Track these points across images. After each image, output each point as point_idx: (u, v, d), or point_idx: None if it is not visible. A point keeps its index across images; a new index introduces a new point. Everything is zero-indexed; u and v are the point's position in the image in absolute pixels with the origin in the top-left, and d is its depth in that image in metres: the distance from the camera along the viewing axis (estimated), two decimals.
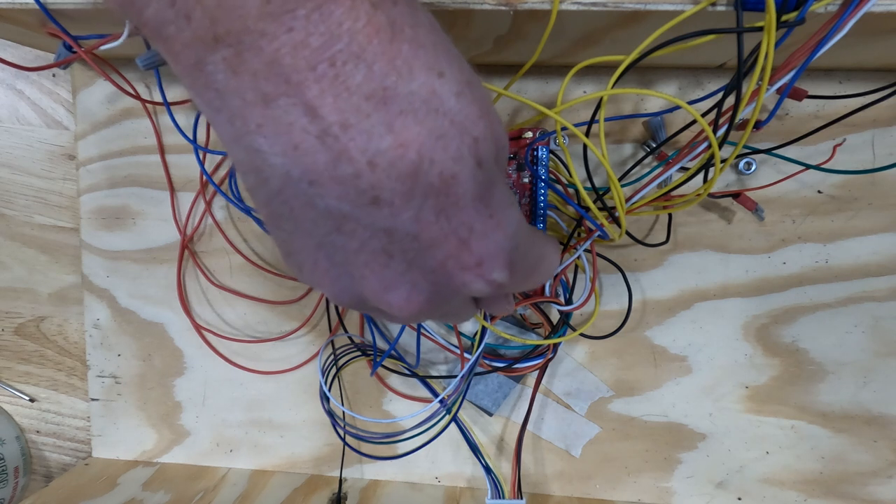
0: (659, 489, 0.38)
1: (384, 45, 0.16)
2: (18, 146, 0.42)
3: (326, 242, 0.19)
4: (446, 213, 0.18)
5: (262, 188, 0.18)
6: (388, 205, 0.17)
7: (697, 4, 0.23)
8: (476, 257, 0.19)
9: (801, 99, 0.29)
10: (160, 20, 0.16)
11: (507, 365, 0.35)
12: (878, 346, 0.36)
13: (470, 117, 0.18)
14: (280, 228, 0.20)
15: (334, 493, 0.39)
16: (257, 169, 0.18)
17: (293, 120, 0.16)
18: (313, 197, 0.17)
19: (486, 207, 0.18)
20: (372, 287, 0.19)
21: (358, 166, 0.16)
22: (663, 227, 0.36)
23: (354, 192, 0.17)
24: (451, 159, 0.17)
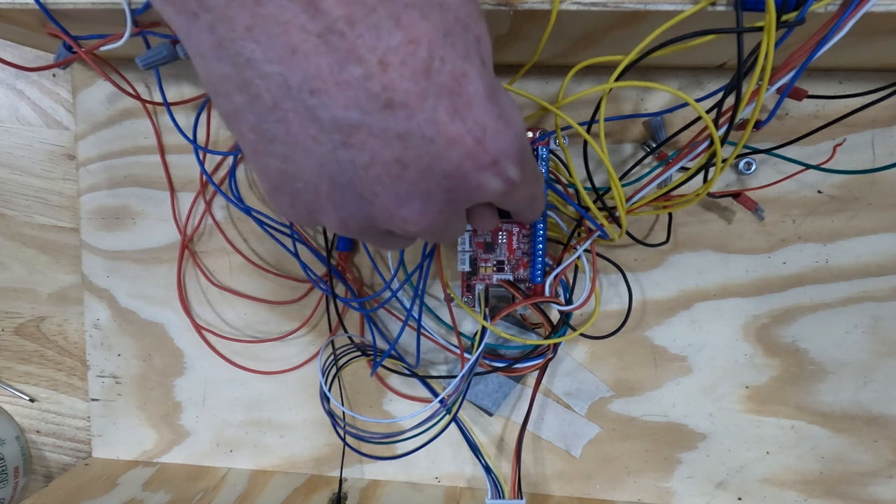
0: (659, 489, 0.38)
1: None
2: (18, 146, 0.42)
3: (330, 160, 0.17)
4: (460, 113, 0.17)
5: (251, 107, 0.16)
6: (403, 107, 0.16)
7: (697, 4, 0.23)
8: (492, 155, 0.17)
9: (801, 99, 0.29)
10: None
11: (507, 365, 0.35)
12: (878, 346, 0.36)
13: (472, 15, 0.17)
14: (270, 154, 0.18)
15: (334, 493, 0.39)
16: (246, 83, 0.16)
17: (290, 18, 0.14)
18: (315, 108, 0.16)
19: (495, 107, 0.17)
20: (384, 204, 0.18)
21: (368, 67, 0.15)
22: (663, 227, 0.36)
23: (365, 97, 0.15)
24: (460, 57, 0.16)
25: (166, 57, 0.29)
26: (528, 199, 0.22)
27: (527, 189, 0.21)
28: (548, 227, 0.33)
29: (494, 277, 0.34)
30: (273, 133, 0.17)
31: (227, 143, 0.38)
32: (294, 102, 0.16)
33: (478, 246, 0.34)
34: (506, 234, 0.33)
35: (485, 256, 0.34)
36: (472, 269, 0.34)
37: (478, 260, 0.34)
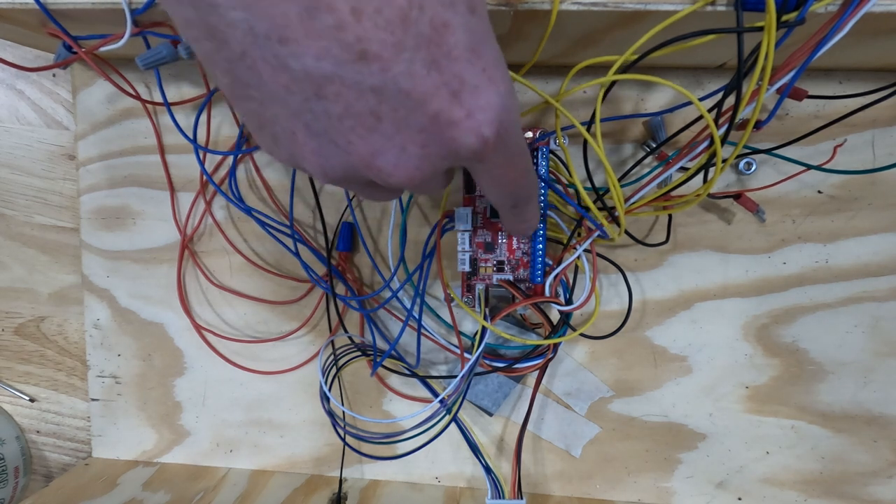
0: (659, 489, 0.38)
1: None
2: (18, 146, 0.42)
3: (304, 110, 0.17)
4: (438, 65, 0.16)
5: (220, 53, 0.16)
6: (377, 59, 0.15)
7: (695, 4, 0.23)
8: (466, 109, 0.17)
9: (801, 99, 0.29)
10: None
11: (507, 365, 0.35)
12: (878, 346, 0.36)
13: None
14: (247, 98, 0.17)
15: (334, 493, 0.39)
16: (211, 29, 0.15)
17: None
18: (286, 58, 0.15)
19: (478, 59, 0.17)
20: (359, 154, 0.18)
21: (340, 16, 0.14)
22: (663, 227, 0.36)
23: (338, 47, 0.15)
24: (442, 4, 0.15)
25: (166, 57, 0.29)
26: (511, 182, 0.22)
27: (509, 166, 0.20)
28: (548, 227, 0.33)
29: (494, 277, 0.34)
30: (246, 79, 0.16)
31: (228, 143, 0.38)
32: (263, 51, 0.15)
33: (478, 246, 0.34)
34: (506, 234, 0.34)
35: (485, 256, 0.34)
36: (472, 269, 0.34)
37: (478, 260, 0.34)
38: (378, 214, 0.38)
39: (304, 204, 0.38)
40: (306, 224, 0.39)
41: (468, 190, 0.34)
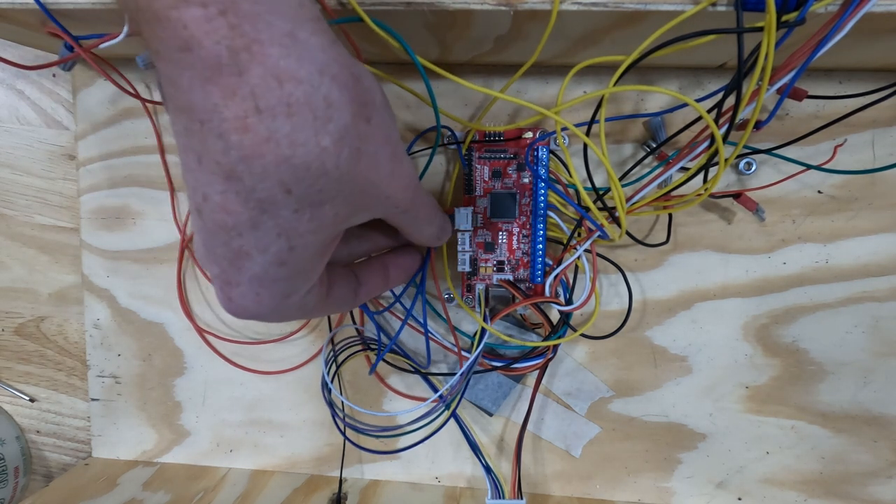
0: (659, 489, 0.38)
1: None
2: (18, 146, 0.42)
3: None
4: (229, 267, 0.21)
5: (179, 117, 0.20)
6: (204, 221, 0.20)
7: (697, 4, 0.23)
8: (229, 295, 0.21)
9: (801, 99, 0.29)
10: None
11: (506, 364, 0.35)
12: (878, 346, 0.36)
13: (298, 231, 0.20)
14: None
15: (334, 493, 0.39)
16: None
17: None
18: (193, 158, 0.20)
19: (261, 290, 0.21)
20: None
21: (196, 199, 0.19)
22: (663, 227, 0.36)
23: (206, 182, 0.19)
24: (255, 247, 0.20)
25: None
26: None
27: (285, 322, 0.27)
28: (548, 227, 0.33)
29: (494, 277, 0.34)
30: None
31: None
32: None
33: (478, 246, 0.34)
34: (506, 234, 0.34)
35: (485, 256, 0.34)
36: (472, 269, 0.34)
37: (478, 260, 0.34)
38: None
39: None
40: None
41: (468, 190, 0.34)
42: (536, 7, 0.24)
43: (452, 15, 0.25)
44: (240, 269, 0.20)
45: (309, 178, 0.18)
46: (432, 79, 0.28)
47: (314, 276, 0.22)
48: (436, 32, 0.28)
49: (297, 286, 0.22)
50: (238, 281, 0.21)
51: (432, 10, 0.25)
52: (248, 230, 0.19)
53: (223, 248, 0.20)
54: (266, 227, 0.19)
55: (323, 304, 0.25)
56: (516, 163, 0.33)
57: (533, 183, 0.33)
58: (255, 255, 0.20)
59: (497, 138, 0.33)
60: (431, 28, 0.28)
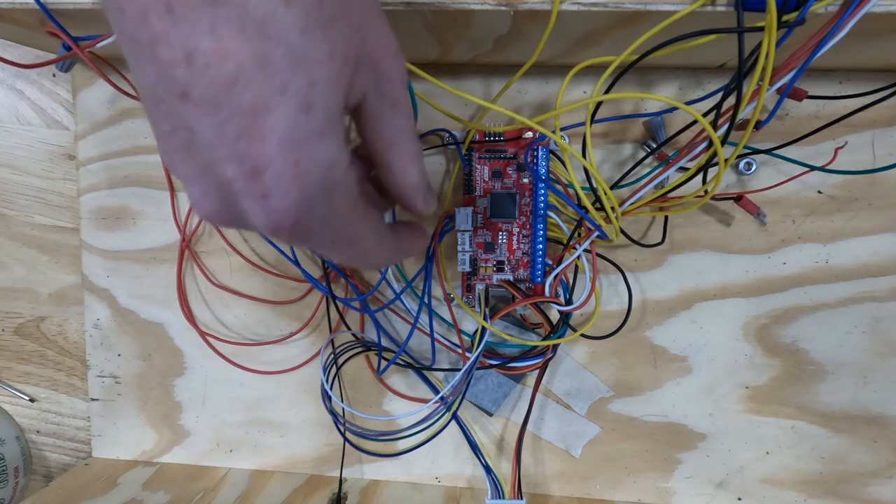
0: (659, 489, 0.38)
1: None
2: (18, 146, 0.42)
3: (150, 108, 0.18)
4: (248, 137, 0.17)
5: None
6: (195, 105, 0.16)
7: (693, 4, 0.23)
8: (263, 190, 0.17)
9: (801, 99, 0.29)
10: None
11: (501, 363, 0.35)
12: (878, 346, 0.36)
13: (314, 58, 0.17)
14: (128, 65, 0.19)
15: (334, 493, 0.39)
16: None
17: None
18: (137, 63, 0.17)
19: (293, 152, 0.17)
20: (180, 171, 0.19)
21: (174, 55, 0.16)
22: (669, 227, 0.36)
23: (167, 80, 0.16)
24: (271, 90, 0.16)
25: None
26: (337, 258, 0.22)
27: (329, 254, 0.21)
28: (548, 227, 0.33)
29: (494, 277, 0.34)
30: (130, 63, 0.18)
31: None
32: (128, 45, 0.17)
33: (478, 246, 0.34)
34: (506, 234, 0.34)
35: (485, 256, 0.34)
36: (472, 269, 0.34)
37: (478, 260, 0.34)
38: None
39: None
40: None
41: (468, 190, 0.34)
42: (536, 7, 0.24)
43: (452, 15, 0.25)
44: (263, 136, 0.17)
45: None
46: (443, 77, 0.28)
47: (343, 139, 0.19)
48: (436, 32, 0.28)
49: (333, 147, 0.18)
50: (265, 157, 0.17)
51: (432, 10, 0.25)
52: (257, 70, 0.16)
53: (237, 120, 0.16)
54: (276, 60, 0.16)
55: (364, 212, 0.21)
56: (516, 163, 0.33)
57: (533, 183, 0.33)
58: (274, 104, 0.16)
59: (497, 138, 0.33)
60: (431, 28, 0.28)
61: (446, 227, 0.34)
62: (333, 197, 0.19)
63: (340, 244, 0.21)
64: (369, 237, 0.22)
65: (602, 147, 0.36)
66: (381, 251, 0.23)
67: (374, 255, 0.23)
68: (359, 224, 0.21)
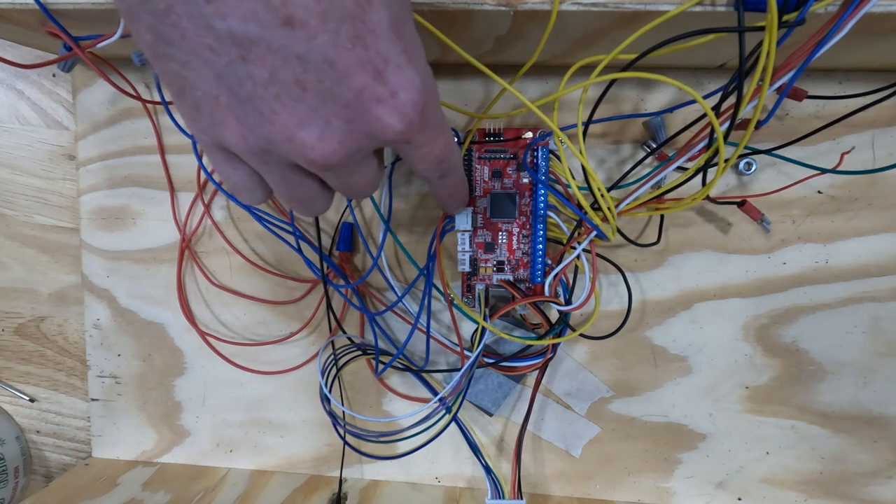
0: (659, 489, 0.38)
1: None
2: (18, 146, 0.42)
3: (228, 73, 0.16)
4: (363, 40, 0.16)
5: (143, 6, 0.16)
6: (303, 26, 0.15)
7: (683, 4, 0.23)
8: (391, 88, 0.17)
9: (801, 99, 0.29)
10: None
11: (496, 361, 0.35)
12: (878, 346, 0.36)
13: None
14: (169, 58, 0.17)
15: (334, 493, 0.39)
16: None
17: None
18: (211, 17, 0.15)
19: (400, 41, 0.17)
20: (283, 124, 0.17)
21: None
22: (667, 226, 0.36)
23: (264, 10, 0.15)
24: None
25: None
26: (435, 158, 0.22)
27: (433, 144, 0.21)
28: (548, 227, 0.33)
29: (494, 277, 0.34)
30: (169, 37, 0.16)
31: None
32: (188, 7, 0.15)
33: (478, 246, 0.34)
34: (506, 234, 0.34)
35: (485, 256, 0.34)
36: (472, 269, 0.34)
37: (478, 260, 0.34)
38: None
39: None
40: (307, 222, 0.39)
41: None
42: (536, 7, 0.24)
43: (452, 15, 0.25)
44: (374, 33, 0.16)
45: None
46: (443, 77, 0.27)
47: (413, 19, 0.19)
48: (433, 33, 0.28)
49: (414, 29, 0.18)
50: (382, 54, 0.17)
51: (432, 10, 0.25)
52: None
53: (347, 25, 0.16)
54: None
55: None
56: (516, 163, 0.33)
57: (532, 183, 0.33)
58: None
59: (497, 138, 0.33)
60: (428, 29, 0.27)
61: (446, 226, 0.34)
62: (431, 76, 0.19)
63: (442, 127, 0.21)
64: (447, 123, 0.22)
65: (601, 147, 0.36)
66: (454, 140, 0.23)
67: (455, 143, 0.23)
68: (441, 109, 0.21)
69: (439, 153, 0.22)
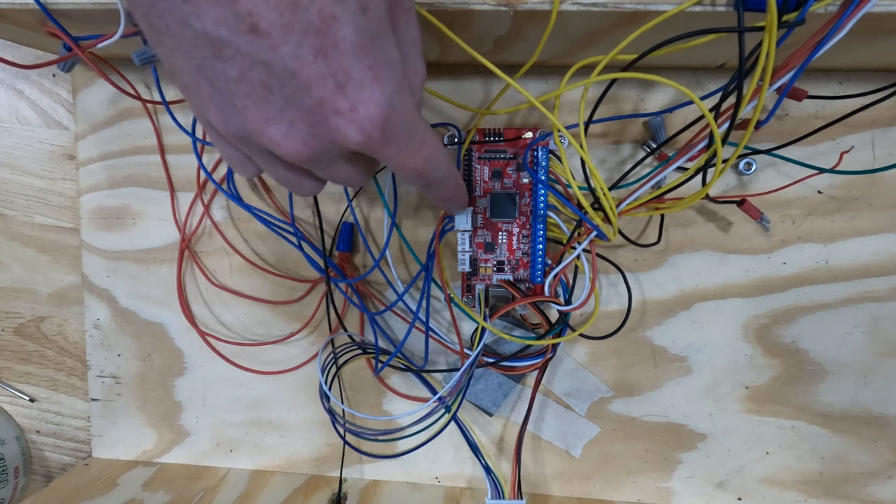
0: (659, 489, 0.38)
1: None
2: (18, 146, 0.42)
3: (206, 66, 0.18)
4: (325, 53, 0.17)
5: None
6: (267, 36, 0.16)
7: (697, 4, 0.23)
8: (351, 103, 0.18)
9: (801, 99, 0.29)
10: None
11: (497, 361, 0.35)
12: (878, 346, 0.36)
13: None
14: (160, 44, 0.18)
15: (334, 493, 0.39)
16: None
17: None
18: (188, 16, 0.16)
19: (366, 57, 0.18)
20: (253, 118, 0.19)
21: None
22: (667, 226, 0.36)
23: (232, 17, 0.16)
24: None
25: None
26: (413, 169, 0.22)
27: (405, 157, 0.21)
28: (548, 227, 0.33)
29: (494, 277, 0.34)
30: (158, 27, 0.17)
31: None
32: (169, 4, 0.16)
33: (478, 246, 0.34)
34: (506, 234, 0.34)
35: (485, 257, 0.34)
36: (472, 269, 0.34)
37: (478, 260, 0.34)
38: (380, 214, 0.38)
39: (304, 202, 0.38)
40: (306, 222, 0.39)
41: (468, 190, 0.34)
42: (536, 7, 0.24)
43: (452, 15, 0.25)
44: (337, 48, 0.17)
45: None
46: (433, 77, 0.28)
47: (393, 37, 0.20)
48: (436, 32, 0.28)
49: (392, 45, 0.19)
50: (345, 69, 0.17)
51: (432, 9, 0.25)
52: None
53: (310, 38, 0.17)
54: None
55: (419, 114, 0.22)
56: (516, 163, 0.33)
57: (532, 183, 0.33)
58: (339, 12, 0.17)
59: (497, 138, 0.33)
60: (431, 28, 0.27)
61: (446, 226, 0.34)
62: (403, 94, 0.19)
63: (416, 142, 0.21)
64: (433, 136, 0.23)
65: (601, 147, 0.36)
66: (444, 155, 0.24)
67: (441, 157, 0.23)
68: (423, 122, 0.22)
69: (415, 167, 0.22)
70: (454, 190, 0.27)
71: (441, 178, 0.24)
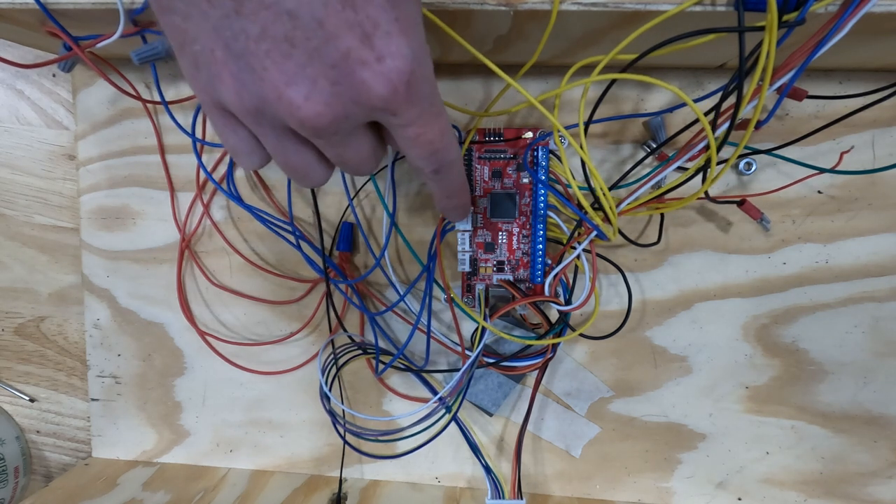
0: (659, 489, 0.38)
1: None
2: (18, 146, 0.42)
3: (223, 26, 0.17)
4: (353, 3, 0.17)
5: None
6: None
7: (697, 4, 0.23)
8: (377, 53, 0.18)
9: (801, 99, 0.29)
10: None
11: (497, 361, 0.35)
12: (878, 346, 0.36)
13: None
14: (173, 11, 0.18)
15: (334, 493, 0.39)
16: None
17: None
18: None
19: (394, 9, 0.17)
20: (273, 81, 0.18)
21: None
22: (667, 226, 0.36)
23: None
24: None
25: (160, 52, 0.29)
26: (428, 143, 0.21)
27: (424, 124, 0.21)
28: (548, 227, 0.33)
29: (494, 277, 0.34)
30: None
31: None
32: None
33: (478, 246, 0.34)
34: (506, 234, 0.34)
35: (485, 256, 0.34)
36: (472, 269, 0.34)
37: (478, 260, 0.34)
38: (380, 214, 0.38)
39: (304, 202, 0.38)
40: (306, 222, 0.39)
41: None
42: (536, 7, 0.24)
43: (452, 15, 0.25)
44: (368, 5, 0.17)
45: None
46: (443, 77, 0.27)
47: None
48: (436, 32, 0.28)
49: (415, 5, 0.19)
50: (373, 19, 0.17)
51: (432, 9, 0.25)
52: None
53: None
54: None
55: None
56: (516, 163, 0.33)
57: (532, 183, 0.33)
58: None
59: (497, 138, 0.33)
60: (432, 28, 0.27)
61: (447, 226, 0.34)
62: (427, 54, 0.19)
63: (436, 111, 0.21)
64: (446, 113, 0.22)
65: (601, 147, 0.36)
66: (455, 136, 0.23)
67: (454, 137, 0.23)
68: (439, 94, 0.21)
69: (432, 138, 0.21)
70: (461, 183, 0.26)
71: (452, 161, 0.24)
